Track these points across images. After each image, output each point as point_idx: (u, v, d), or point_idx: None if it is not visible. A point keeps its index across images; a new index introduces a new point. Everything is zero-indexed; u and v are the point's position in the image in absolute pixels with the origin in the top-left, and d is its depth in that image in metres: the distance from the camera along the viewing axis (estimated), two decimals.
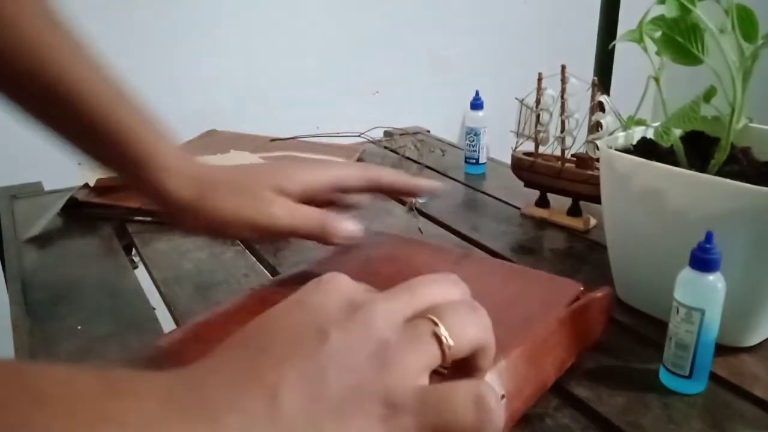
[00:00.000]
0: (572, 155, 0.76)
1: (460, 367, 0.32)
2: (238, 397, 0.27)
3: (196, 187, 0.52)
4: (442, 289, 0.33)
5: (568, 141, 0.75)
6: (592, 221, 0.76)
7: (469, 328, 0.31)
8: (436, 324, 0.30)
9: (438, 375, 0.31)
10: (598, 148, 0.65)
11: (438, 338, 0.30)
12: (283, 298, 0.32)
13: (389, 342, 0.29)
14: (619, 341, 0.53)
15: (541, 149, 0.78)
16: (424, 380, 0.29)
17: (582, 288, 0.53)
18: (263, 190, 0.52)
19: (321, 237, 0.52)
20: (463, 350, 0.30)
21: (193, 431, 0.25)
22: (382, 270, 0.54)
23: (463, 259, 0.59)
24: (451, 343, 0.30)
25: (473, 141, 0.96)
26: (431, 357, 0.29)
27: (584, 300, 0.49)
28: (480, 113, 0.95)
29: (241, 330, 0.31)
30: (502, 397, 0.40)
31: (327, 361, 0.28)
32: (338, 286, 0.32)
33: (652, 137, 0.56)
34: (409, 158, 1.05)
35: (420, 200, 0.84)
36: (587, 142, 0.71)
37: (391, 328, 0.30)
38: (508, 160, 0.82)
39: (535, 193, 0.80)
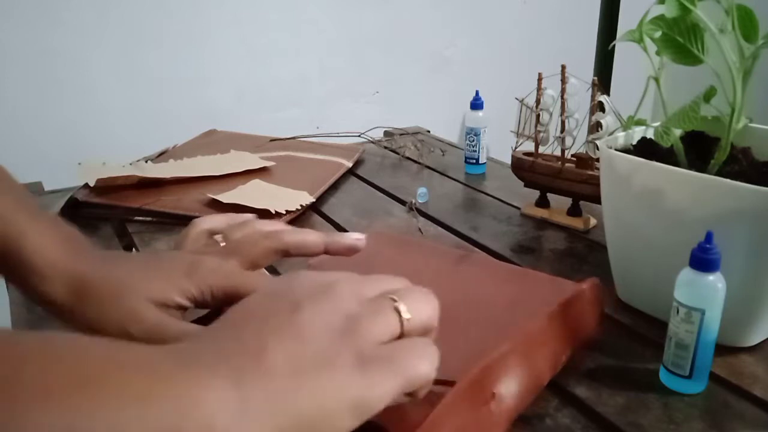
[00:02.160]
0: (572, 155, 0.76)
1: None
2: (227, 358, 0.30)
3: (68, 291, 0.44)
4: (399, 281, 0.38)
5: (568, 141, 0.75)
6: (592, 221, 0.76)
7: (423, 308, 0.36)
8: (395, 301, 0.35)
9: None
10: (598, 148, 0.65)
11: (397, 312, 0.34)
12: None
13: (355, 313, 0.33)
14: (619, 341, 0.53)
15: (541, 149, 0.78)
16: (386, 347, 0.33)
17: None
18: (134, 302, 0.43)
19: None
20: (418, 326, 0.35)
21: (190, 386, 0.28)
22: (382, 271, 0.54)
23: (463, 259, 0.59)
24: (408, 316, 0.35)
25: (473, 141, 0.96)
26: (392, 327, 0.34)
27: (571, 293, 0.49)
28: (480, 113, 0.95)
29: (219, 318, 0.34)
30: (493, 395, 0.40)
31: (301, 326, 0.32)
32: (308, 273, 0.37)
33: (652, 137, 0.56)
34: (409, 158, 1.05)
35: (420, 200, 0.84)
36: (587, 142, 0.71)
37: (357, 302, 0.34)
38: (508, 160, 0.82)
39: (535, 193, 0.80)
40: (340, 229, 0.76)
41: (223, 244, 0.51)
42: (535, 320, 0.46)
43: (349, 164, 0.98)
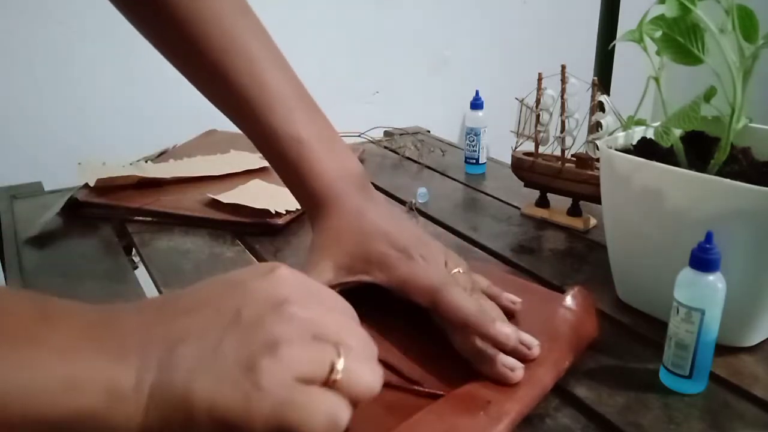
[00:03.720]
0: (572, 155, 0.76)
1: None
2: (145, 342, 0.31)
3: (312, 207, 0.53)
4: (363, 338, 0.36)
5: (568, 141, 0.75)
6: (592, 221, 0.76)
7: (362, 382, 0.33)
8: (339, 355, 0.33)
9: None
10: (598, 148, 0.65)
11: (332, 367, 0.32)
12: None
13: (287, 341, 0.32)
14: (619, 341, 0.53)
15: (541, 149, 0.78)
16: (296, 385, 0.31)
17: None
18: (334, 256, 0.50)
19: None
20: (344, 391, 0.33)
21: (98, 361, 0.30)
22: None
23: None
24: (339, 378, 0.32)
25: (473, 141, 0.96)
26: (314, 375, 0.32)
27: (556, 308, 0.50)
28: (480, 113, 0.95)
29: (178, 291, 0.35)
30: (488, 403, 0.40)
31: (227, 336, 0.32)
32: (279, 279, 0.35)
33: (652, 137, 0.56)
34: (409, 158, 1.05)
35: (420, 200, 0.84)
36: (587, 142, 0.71)
37: (297, 332, 0.33)
38: (508, 160, 0.82)
39: (535, 193, 0.80)
40: None
41: None
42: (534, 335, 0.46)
43: None
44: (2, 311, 0.31)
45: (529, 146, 0.79)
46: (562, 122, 0.75)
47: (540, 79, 0.76)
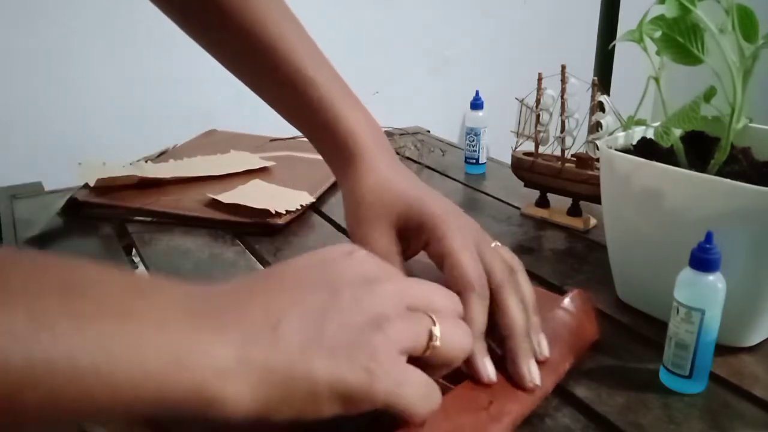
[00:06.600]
0: (572, 155, 0.76)
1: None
2: (244, 319, 0.31)
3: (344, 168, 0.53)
4: (449, 300, 0.39)
5: (568, 141, 0.75)
6: (592, 221, 0.76)
7: (457, 341, 0.36)
8: (434, 323, 0.35)
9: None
10: (598, 148, 0.65)
11: (430, 335, 0.35)
12: None
13: (389, 317, 0.33)
14: (619, 341, 0.53)
15: (541, 149, 0.78)
16: (402, 360, 0.34)
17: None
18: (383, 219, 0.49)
19: None
20: (441, 357, 0.35)
21: (200, 336, 0.29)
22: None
23: None
24: (438, 344, 0.35)
25: (473, 141, 0.96)
26: (416, 345, 0.34)
27: (555, 310, 0.49)
28: (480, 113, 0.95)
29: (267, 269, 0.36)
30: (490, 403, 0.40)
31: (331, 313, 0.32)
32: (362, 259, 0.37)
33: (652, 137, 0.56)
34: (409, 158, 1.05)
35: None
36: (587, 142, 0.71)
37: (394, 307, 0.34)
38: (508, 160, 0.82)
39: (535, 193, 0.80)
40: (340, 229, 0.76)
41: None
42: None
43: None
44: (91, 281, 0.29)
45: (529, 146, 0.79)
46: (562, 122, 0.75)
47: (540, 79, 0.76)
